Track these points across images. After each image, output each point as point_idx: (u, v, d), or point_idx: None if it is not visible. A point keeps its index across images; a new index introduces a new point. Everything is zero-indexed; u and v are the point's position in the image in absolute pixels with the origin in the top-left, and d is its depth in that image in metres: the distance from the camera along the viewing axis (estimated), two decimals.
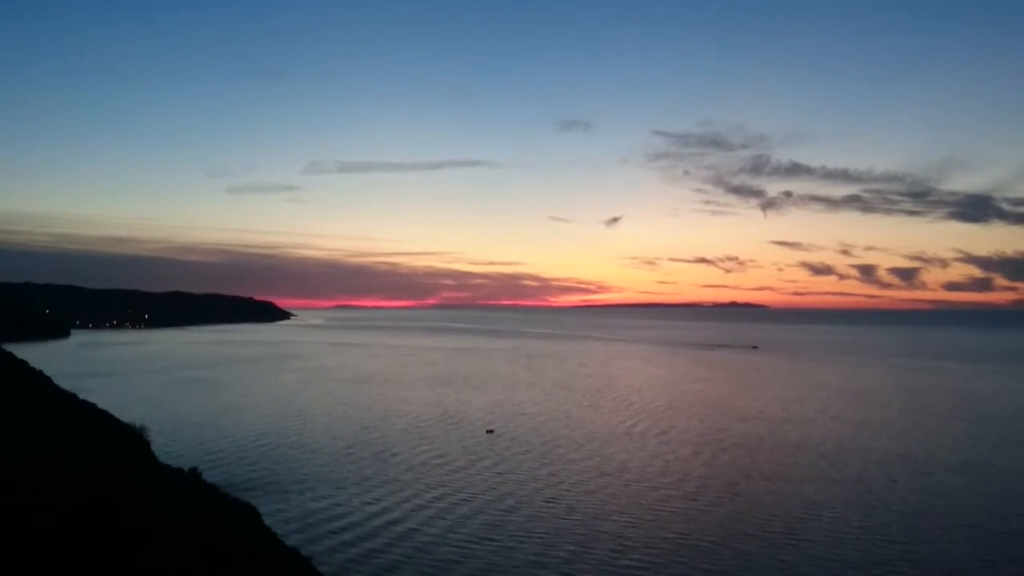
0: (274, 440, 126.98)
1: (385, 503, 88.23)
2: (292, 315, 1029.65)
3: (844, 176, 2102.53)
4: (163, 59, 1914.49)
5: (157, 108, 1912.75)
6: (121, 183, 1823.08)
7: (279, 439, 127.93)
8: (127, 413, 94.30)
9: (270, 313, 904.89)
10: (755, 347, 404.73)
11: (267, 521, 66.39)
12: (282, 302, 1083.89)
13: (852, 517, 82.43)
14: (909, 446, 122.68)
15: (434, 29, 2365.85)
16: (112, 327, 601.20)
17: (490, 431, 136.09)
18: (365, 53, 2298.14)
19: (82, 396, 79.88)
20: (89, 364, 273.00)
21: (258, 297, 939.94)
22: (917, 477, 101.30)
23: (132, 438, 69.28)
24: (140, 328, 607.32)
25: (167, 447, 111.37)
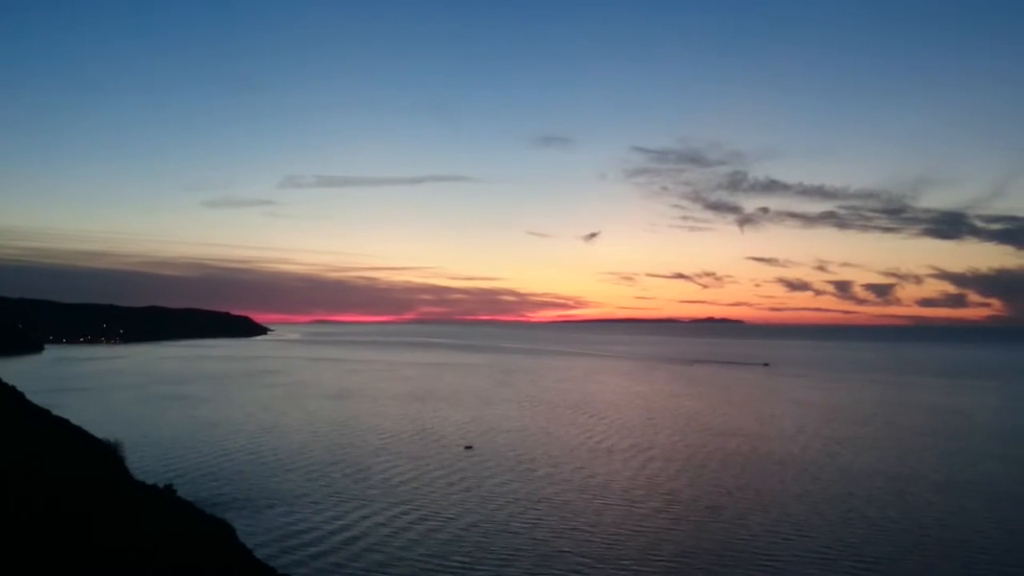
0: (250, 456, 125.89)
1: (362, 521, 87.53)
2: (269, 330, 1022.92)
3: (820, 193, 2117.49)
4: (140, 71, 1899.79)
5: (134, 121, 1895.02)
6: (96, 196, 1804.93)
7: (255, 455, 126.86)
8: (101, 429, 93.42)
9: (247, 328, 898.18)
10: (767, 364, 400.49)
11: (242, 538, 65.66)
12: (259, 317, 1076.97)
13: (835, 535, 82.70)
14: (889, 462, 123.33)
15: (414, 44, 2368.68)
16: (87, 342, 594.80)
17: (468, 447, 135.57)
18: (344, 67, 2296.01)
19: (55, 412, 78.95)
20: (63, 379, 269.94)
21: (235, 312, 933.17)
22: (898, 494, 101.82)
23: (106, 454, 68.48)
24: (115, 343, 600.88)
25: (142, 463, 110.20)
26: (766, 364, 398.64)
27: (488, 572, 70.86)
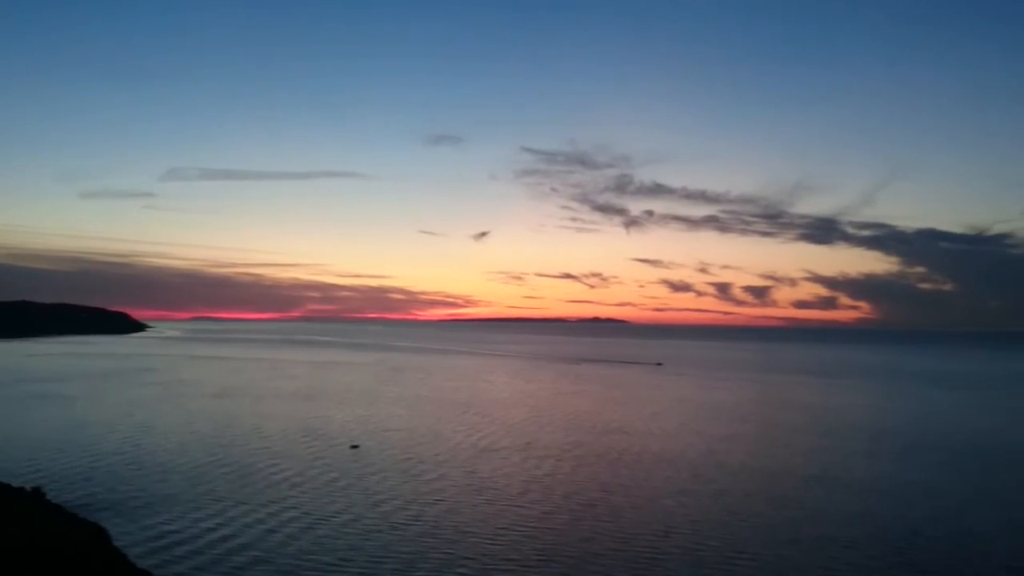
0: (125, 458, 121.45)
1: (242, 524, 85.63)
2: (148, 327, 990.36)
3: (703, 197, 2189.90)
4: (8, 54, 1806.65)
5: (1, 106, 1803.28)
6: None
7: (130, 457, 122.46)
8: None
9: (124, 325, 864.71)
10: (660, 364, 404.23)
11: (116, 543, 63.57)
12: (137, 313, 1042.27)
13: (710, 531, 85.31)
14: (764, 459, 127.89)
15: (304, 36, 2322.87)
16: None
17: (354, 447, 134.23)
18: (231, 56, 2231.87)
19: None
20: None
21: (111, 308, 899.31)
22: (772, 489, 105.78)
23: None
24: None
25: (5, 465, 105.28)
26: (659, 364, 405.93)
27: (362, 568, 70.42)
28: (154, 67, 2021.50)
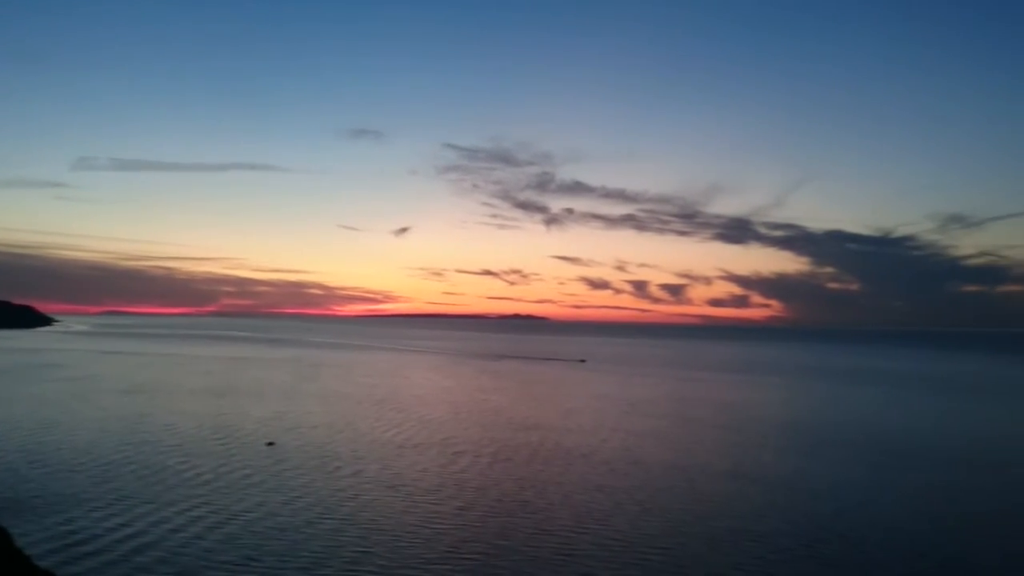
0: (29, 457, 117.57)
1: (148, 522, 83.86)
2: (55, 321, 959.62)
3: (622, 196, 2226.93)
4: None
5: None
6: None
7: (35, 455, 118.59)
8: None
9: (29, 318, 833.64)
10: (583, 360, 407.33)
11: (19, 543, 61.62)
12: (44, 307, 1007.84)
13: (623, 525, 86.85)
14: (677, 454, 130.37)
15: (221, 24, 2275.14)
16: None
17: (270, 443, 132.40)
18: (146, 43, 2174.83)
19: None
20: None
21: (16, 301, 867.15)
22: (683, 484, 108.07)
23: None
24: None
25: None
26: (583, 360, 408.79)
27: (269, 567, 69.91)
28: (65, 52, 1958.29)
